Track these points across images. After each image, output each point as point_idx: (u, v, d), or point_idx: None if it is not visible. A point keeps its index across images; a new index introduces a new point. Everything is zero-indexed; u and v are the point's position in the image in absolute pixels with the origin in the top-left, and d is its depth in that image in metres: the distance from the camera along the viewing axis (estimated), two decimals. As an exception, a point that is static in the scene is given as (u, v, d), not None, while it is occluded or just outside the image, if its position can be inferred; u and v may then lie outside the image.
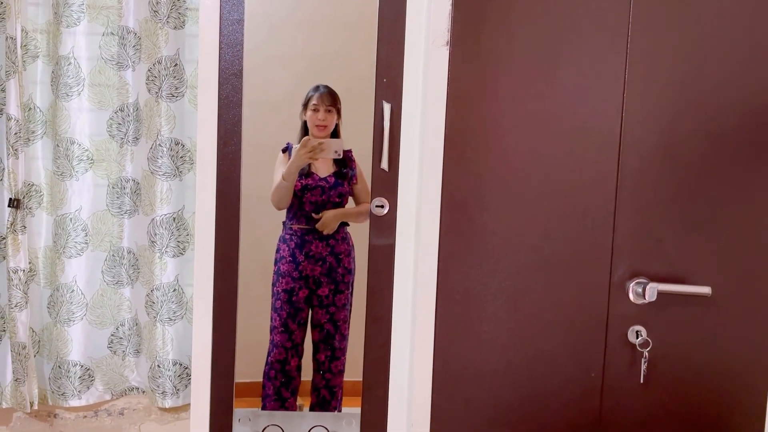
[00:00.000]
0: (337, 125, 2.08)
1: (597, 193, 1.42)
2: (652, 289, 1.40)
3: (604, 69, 1.40)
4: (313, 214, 2.06)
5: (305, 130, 2.08)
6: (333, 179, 2.09)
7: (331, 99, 2.05)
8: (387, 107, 1.47)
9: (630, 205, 1.43)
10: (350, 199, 2.14)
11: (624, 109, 1.41)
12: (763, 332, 1.46)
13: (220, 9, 1.46)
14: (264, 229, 2.11)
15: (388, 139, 1.48)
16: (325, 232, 2.08)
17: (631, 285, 1.43)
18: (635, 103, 1.41)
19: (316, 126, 2.05)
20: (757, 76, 1.41)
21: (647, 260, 1.43)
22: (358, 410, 1.59)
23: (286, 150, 2.09)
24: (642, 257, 1.43)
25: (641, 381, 1.45)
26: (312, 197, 2.08)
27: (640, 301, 1.43)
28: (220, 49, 1.47)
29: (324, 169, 2.10)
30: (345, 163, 2.09)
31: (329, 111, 2.05)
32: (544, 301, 1.45)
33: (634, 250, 1.43)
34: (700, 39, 1.41)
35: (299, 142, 2.04)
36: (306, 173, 2.07)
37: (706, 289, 1.41)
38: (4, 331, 1.80)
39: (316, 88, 2.06)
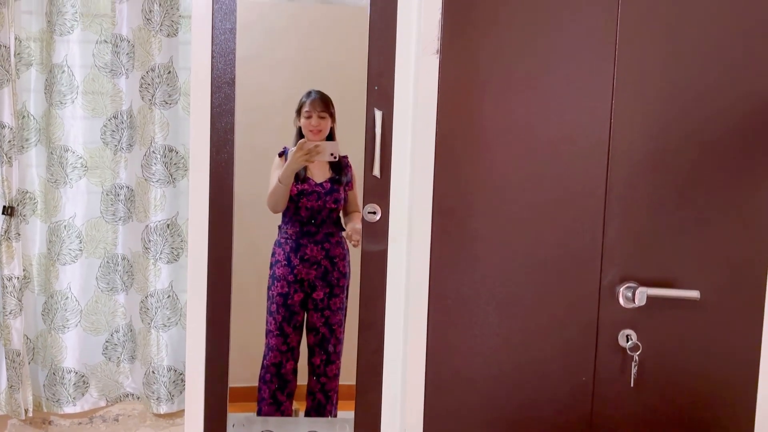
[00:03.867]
0: (332, 129, 2.09)
1: (587, 199, 1.44)
2: (642, 294, 1.41)
3: (592, 77, 1.42)
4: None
5: (300, 136, 2.09)
6: (329, 185, 2.10)
7: (323, 104, 2.05)
8: (378, 115, 1.49)
9: (619, 210, 1.44)
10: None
11: (612, 116, 1.42)
12: (751, 335, 1.48)
13: (213, 18, 1.47)
14: (259, 234, 2.11)
15: (379, 146, 1.49)
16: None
17: (621, 289, 1.45)
18: (623, 110, 1.42)
19: (310, 131, 2.06)
20: (744, 83, 1.43)
21: (636, 265, 1.45)
22: (352, 415, 1.60)
23: (283, 154, 2.09)
24: (631, 262, 1.45)
25: (632, 385, 1.46)
26: (308, 202, 2.08)
27: (630, 306, 1.44)
28: (213, 57, 1.48)
29: (320, 174, 2.11)
30: (341, 169, 2.10)
31: (322, 117, 2.05)
32: (535, 306, 1.46)
33: (623, 254, 1.45)
34: (687, 47, 1.42)
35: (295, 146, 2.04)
36: (302, 178, 2.08)
37: (694, 293, 1.42)
38: (-1, 338, 1.81)
39: (309, 94, 2.07)
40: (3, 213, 1.72)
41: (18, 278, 1.74)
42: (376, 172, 1.50)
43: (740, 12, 1.42)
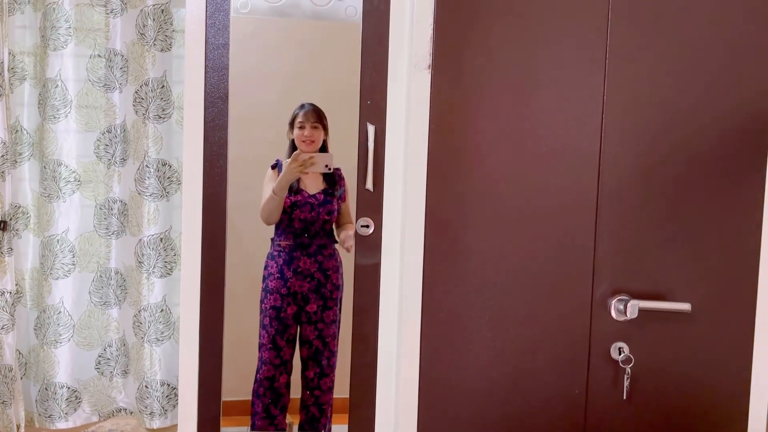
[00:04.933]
0: (324, 141, 2.10)
1: (578, 213, 1.45)
2: (634, 306, 1.42)
3: (583, 91, 1.43)
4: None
5: (293, 148, 2.10)
6: (322, 197, 2.10)
7: (316, 116, 2.07)
8: (371, 129, 1.50)
9: (610, 223, 1.45)
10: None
11: (603, 129, 1.44)
12: (742, 346, 1.49)
13: (206, 33, 1.48)
14: (252, 246, 2.11)
15: (372, 159, 1.50)
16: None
17: (613, 302, 1.45)
18: (614, 124, 1.44)
19: (303, 142, 2.07)
20: (731, 96, 1.45)
21: (628, 278, 1.46)
22: (346, 428, 1.60)
23: (276, 166, 2.10)
24: (623, 275, 1.46)
25: (624, 397, 1.47)
26: (301, 214, 2.09)
27: (621, 318, 1.45)
28: (206, 72, 1.49)
29: (313, 186, 2.12)
30: (334, 181, 2.10)
31: (315, 127, 2.07)
32: (528, 319, 1.47)
33: (615, 267, 1.46)
34: (677, 59, 1.44)
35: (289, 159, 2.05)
36: (295, 190, 2.08)
37: (685, 306, 1.43)
38: (-9, 353, 1.80)
39: (302, 106, 2.08)
40: (-5, 227, 1.72)
41: (10, 293, 1.74)
42: (369, 185, 1.51)
43: (727, 27, 1.44)
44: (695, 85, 1.44)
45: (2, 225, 1.72)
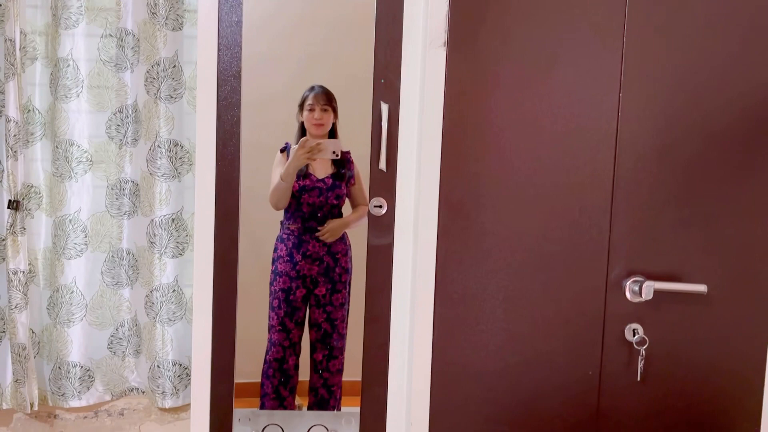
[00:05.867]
0: (334, 124, 2.09)
1: (593, 192, 1.44)
2: (649, 288, 1.41)
3: (600, 69, 1.42)
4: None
5: (303, 131, 2.09)
6: (331, 180, 2.10)
7: (326, 98, 2.06)
8: (385, 108, 1.48)
9: (626, 203, 1.44)
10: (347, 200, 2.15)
11: (620, 108, 1.42)
12: (759, 329, 1.48)
13: (219, 11, 1.47)
14: (262, 229, 2.12)
15: (386, 139, 1.49)
16: (328, 241, 2.09)
17: (628, 283, 1.45)
18: (631, 102, 1.42)
19: (313, 125, 2.06)
20: (753, 73, 1.43)
21: (644, 259, 1.45)
22: (357, 409, 1.60)
23: (285, 150, 2.09)
24: (638, 256, 1.45)
25: (638, 378, 1.46)
26: (309, 198, 2.09)
27: (636, 300, 1.44)
28: (219, 50, 1.48)
29: (322, 170, 2.11)
30: (343, 165, 2.09)
31: (325, 110, 2.06)
32: (542, 299, 1.46)
33: (630, 248, 1.45)
34: (694, 38, 1.42)
35: (297, 143, 2.04)
36: (304, 174, 2.08)
37: (701, 287, 1.42)
38: (4, 332, 1.81)
39: (311, 88, 2.07)
40: (8, 207, 1.72)
41: (23, 272, 1.74)
42: (383, 165, 1.50)
43: (748, 6, 1.42)
44: (714, 65, 1.42)
45: (15, 205, 1.73)
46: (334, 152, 1.99)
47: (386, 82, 1.48)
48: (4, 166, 1.74)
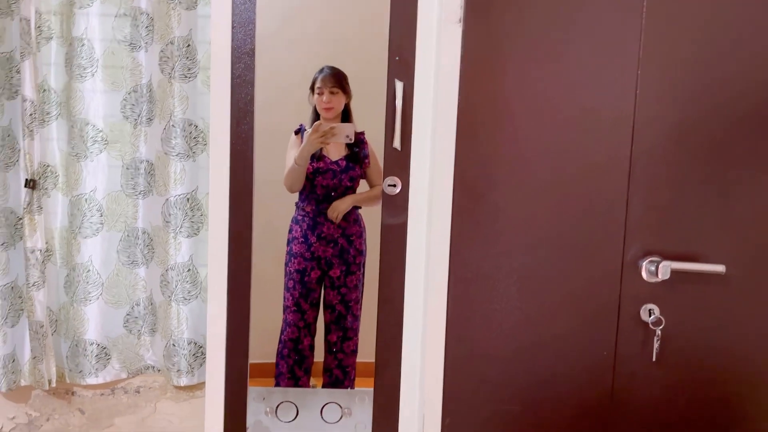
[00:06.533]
0: (347, 105, 2.08)
1: (610, 172, 1.42)
2: (665, 268, 1.39)
3: (617, 47, 1.39)
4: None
5: (316, 115, 2.09)
6: (344, 162, 2.09)
7: (334, 80, 2.05)
8: (399, 86, 1.47)
9: (643, 184, 1.42)
10: (362, 182, 2.14)
11: (638, 88, 1.40)
12: (777, 311, 1.46)
13: (233, -12, 1.46)
14: (276, 211, 2.12)
15: (400, 117, 1.47)
16: (336, 221, 2.09)
17: (644, 263, 1.43)
18: (649, 82, 1.40)
19: (323, 108, 2.06)
20: (775, 53, 1.40)
21: (660, 239, 1.43)
22: (371, 389, 1.60)
23: (299, 132, 2.09)
24: (655, 236, 1.43)
25: (653, 359, 1.45)
26: (323, 181, 2.08)
27: (653, 280, 1.43)
28: (233, 28, 1.47)
29: (335, 152, 2.11)
30: (357, 146, 2.09)
31: (333, 93, 2.05)
32: (557, 280, 1.45)
33: (647, 228, 1.43)
34: (716, 18, 1.39)
35: (311, 126, 2.04)
36: (318, 157, 2.07)
37: (719, 267, 1.40)
38: (22, 310, 1.83)
39: (321, 70, 2.06)
40: (25, 186, 1.74)
41: (41, 251, 1.76)
42: (397, 144, 1.49)
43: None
44: (736, 43, 1.39)
45: (32, 184, 1.74)
46: (347, 136, 1.99)
47: (401, 60, 1.46)
48: (20, 145, 1.76)
